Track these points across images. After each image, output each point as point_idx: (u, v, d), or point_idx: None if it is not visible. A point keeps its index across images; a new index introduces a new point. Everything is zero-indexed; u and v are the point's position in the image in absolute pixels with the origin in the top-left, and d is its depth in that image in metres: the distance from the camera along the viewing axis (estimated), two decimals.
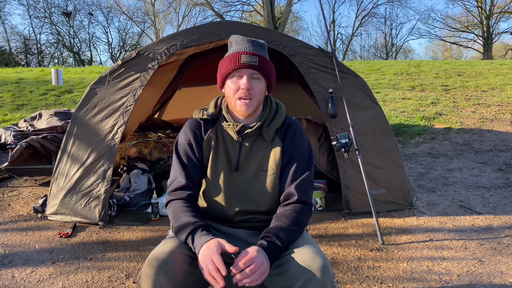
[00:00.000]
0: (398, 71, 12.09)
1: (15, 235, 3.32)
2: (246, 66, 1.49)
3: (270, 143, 1.60)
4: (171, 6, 31.36)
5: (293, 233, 1.47)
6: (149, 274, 1.32)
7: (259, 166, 1.60)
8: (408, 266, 2.70)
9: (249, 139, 1.60)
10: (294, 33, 34.13)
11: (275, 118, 1.61)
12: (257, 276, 1.27)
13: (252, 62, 1.49)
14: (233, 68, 1.50)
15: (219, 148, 1.61)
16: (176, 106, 6.57)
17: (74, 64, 31.17)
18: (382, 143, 3.68)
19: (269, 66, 1.55)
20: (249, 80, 1.50)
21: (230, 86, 1.54)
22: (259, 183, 1.60)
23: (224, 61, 1.55)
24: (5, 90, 10.23)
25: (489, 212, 3.69)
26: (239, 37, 1.58)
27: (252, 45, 1.54)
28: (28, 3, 29.66)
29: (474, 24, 30.02)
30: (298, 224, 1.49)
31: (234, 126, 1.57)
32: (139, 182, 4.10)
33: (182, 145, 1.63)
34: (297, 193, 1.54)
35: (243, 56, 1.49)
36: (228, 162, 1.61)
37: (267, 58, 1.57)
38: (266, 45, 1.62)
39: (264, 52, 1.57)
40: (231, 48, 1.58)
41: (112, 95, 3.54)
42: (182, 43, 3.57)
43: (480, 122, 7.40)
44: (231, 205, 1.61)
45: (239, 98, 1.52)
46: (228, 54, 1.56)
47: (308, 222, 1.57)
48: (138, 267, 2.74)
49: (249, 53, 1.50)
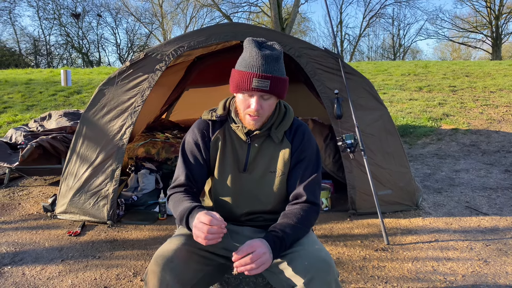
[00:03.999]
0: (405, 72, 12.04)
1: (25, 233, 3.38)
2: (257, 90, 1.46)
3: (278, 145, 1.62)
4: (179, 8, 31.47)
5: (299, 230, 1.49)
6: (155, 271, 1.35)
7: (267, 168, 1.62)
8: (413, 266, 2.72)
9: (257, 141, 1.62)
10: (301, 34, 34.11)
11: (283, 121, 1.63)
12: (256, 265, 1.29)
13: (263, 87, 1.45)
14: (244, 90, 1.48)
15: (227, 149, 1.63)
16: (183, 106, 6.62)
17: (83, 65, 31.46)
18: (388, 144, 3.69)
19: (281, 85, 1.50)
20: (258, 101, 1.49)
21: (241, 99, 1.53)
22: (267, 184, 1.62)
23: (236, 76, 1.50)
24: (15, 91, 10.36)
25: (495, 213, 3.68)
26: (253, 50, 1.48)
27: (266, 62, 1.45)
28: (38, 4, 29.96)
29: (483, 24, 29.73)
30: (305, 223, 1.51)
31: (243, 128, 1.59)
32: (146, 182, 4.14)
33: (189, 144, 1.66)
34: (306, 193, 1.56)
35: (254, 80, 1.45)
36: (236, 162, 1.63)
37: (281, 73, 1.50)
38: (281, 52, 1.53)
39: (277, 65, 1.49)
40: (245, 60, 1.50)
41: (121, 96, 3.58)
42: (190, 45, 3.61)
43: (488, 123, 7.36)
44: (238, 205, 1.64)
45: (248, 115, 1.53)
46: (240, 67, 1.51)
47: (314, 223, 1.59)
48: (146, 266, 2.78)
49: (261, 77, 1.44)
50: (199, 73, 5.55)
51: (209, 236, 1.31)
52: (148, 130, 5.51)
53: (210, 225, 1.31)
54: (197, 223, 1.34)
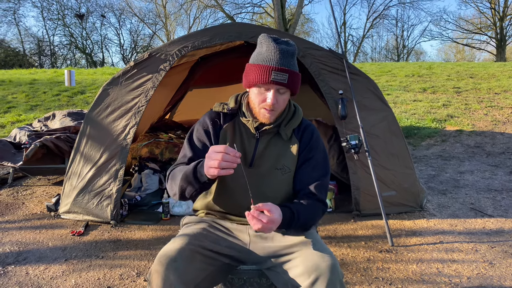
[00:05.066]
0: (409, 73, 12.01)
1: (29, 233, 3.38)
2: (275, 83, 1.48)
3: (287, 142, 1.64)
4: (182, 8, 31.51)
5: (308, 218, 1.52)
6: (159, 271, 1.35)
7: (274, 164, 1.62)
8: (418, 268, 2.70)
9: (266, 136, 1.63)
10: (304, 34, 34.08)
11: (293, 118, 1.65)
12: (265, 219, 1.32)
13: (282, 80, 1.47)
14: (262, 82, 1.49)
15: (235, 142, 1.63)
16: (187, 107, 6.62)
17: (87, 66, 31.52)
18: (392, 145, 3.67)
19: (297, 79, 1.53)
20: (275, 95, 1.51)
21: (256, 94, 1.55)
22: (273, 180, 1.62)
23: (253, 69, 1.52)
24: (19, 91, 10.40)
25: (501, 215, 3.66)
26: (271, 44, 1.51)
27: (283, 56, 1.48)
28: (42, 5, 30.05)
29: (487, 26, 29.60)
30: (313, 216, 1.54)
31: (253, 122, 1.61)
32: (150, 182, 4.14)
33: (198, 131, 1.66)
34: (316, 192, 1.59)
35: (273, 73, 1.46)
36: (243, 157, 1.62)
37: (296, 69, 1.54)
38: (296, 48, 1.56)
39: (293, 61, 1.53)
40: (261, 54, 1.52)
41: (125, 96, 3.59)
42: (194, 45, 3.61)
43: (492, 125, 7.32)
44: (243, 199, 1.62)
45: (264, 108, 1.54)
46: (257, 61, 1.52)
47: (319, 221, 1.64)
48: (149, 266, 2.77)
49: (280, 70, 1.47)
50: (203, 74, 5.54)
51: (224, 163, 1.29)
52: (152, 130, 5.51)
53: (225, 152, 1.29)
54: (211, 152, 1.32)
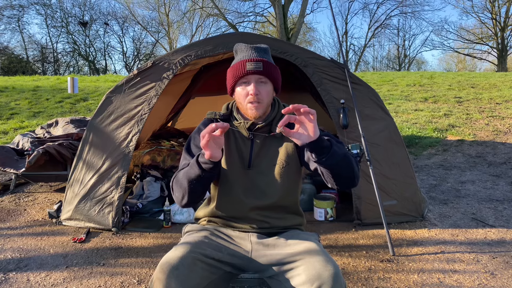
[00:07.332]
0: (411, 83, 12.04)
1: (30, 239, 3.39)
2: (252, 73, 1.58)
3: (280, 139, 1.68)
4: (185, 17, 31.71)
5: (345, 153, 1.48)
6: (161, 278, 1.35)
7: (271, 161, 1.66)
8: (419, 278, 2.69)
9: (260, 137, 1.67)
10: (306, 44, 34.24)
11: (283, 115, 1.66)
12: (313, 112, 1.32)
13: (257, 68, 1.58)
14: (239, 76, 1.59)
15: (231, 147, 1.67)
16: (189, 115, 6.65)
17: (89, 73, 31.64)
18: (394, 154, 3.68)
19: (274, 69, 1.63)
20: (256, 85, 1.59)
21: (240, 92, 1.63)
22: (271, 177, 1.65)
23: (231, 70, 1.64)
24: (22, 97, 10.46)
25: (502, 225, 3.65)
26: (242, 45, 1.66)
27: (256, 51, 1.62)
28: (46, 12, 30.29)
29: (488, 36, 29.70)
30: (347, 154, 1.51)
31: (245, 123, 1.66)
32: (152, 189, 4.15)
33: (195, 139, 1.69)
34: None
35: (248, 64, 1.58)
36: (241, 160, 1.66)
37: (272, 61, 1.64)
38: (269, 48, 1.70)
39: (267, 56, 1.65)
40: (237, 56, 1.67)
41: (128, 103, 3.61)
42: (197, 54, 3.64)
43: (494, 135, 7.32)
44: (245, 201, 1.64)
45: (249, 102, 1.60)
46: (234, 63, 1.65)
47: (357, 169, 1.57)
48: (150, 273, 2.77)
49: (254, 60, 1.58)
50: (205, 82, 5.57)
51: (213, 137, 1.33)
52: (154, 137, 5.53)
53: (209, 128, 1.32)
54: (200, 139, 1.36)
